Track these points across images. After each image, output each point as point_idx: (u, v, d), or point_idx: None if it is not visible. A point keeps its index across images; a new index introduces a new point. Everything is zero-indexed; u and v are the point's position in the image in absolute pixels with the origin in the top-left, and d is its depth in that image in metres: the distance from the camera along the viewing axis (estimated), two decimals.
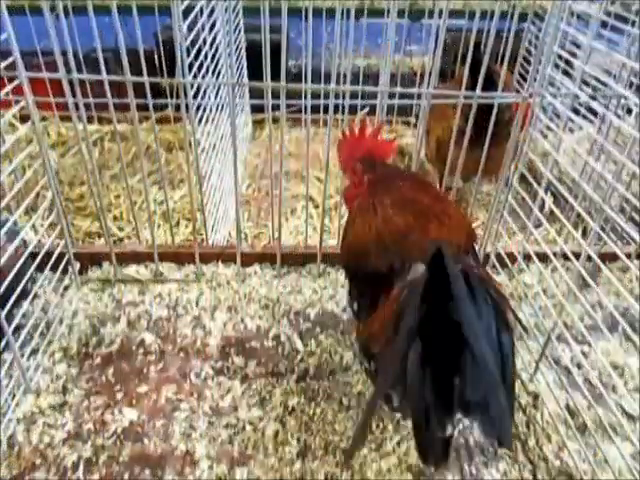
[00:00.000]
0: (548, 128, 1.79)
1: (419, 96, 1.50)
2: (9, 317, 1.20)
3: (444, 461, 0.90)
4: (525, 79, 2.06)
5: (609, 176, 1.14)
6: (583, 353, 1.39)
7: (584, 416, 1.25)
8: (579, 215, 1.26)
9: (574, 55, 1.58)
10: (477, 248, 1.11)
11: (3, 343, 1.22)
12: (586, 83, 1.84)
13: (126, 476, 1.15)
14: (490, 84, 1.42)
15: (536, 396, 1.34)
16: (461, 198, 2.15)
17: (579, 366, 1.33)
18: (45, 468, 1.15)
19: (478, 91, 1.42)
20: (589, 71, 1.30)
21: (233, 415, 1.28)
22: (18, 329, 1.32)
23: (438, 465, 0.95)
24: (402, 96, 2.12)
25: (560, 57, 1.51)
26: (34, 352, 1.37)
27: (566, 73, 1.77)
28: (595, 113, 1.85)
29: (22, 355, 1.30)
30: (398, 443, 1.23)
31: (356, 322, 1.23)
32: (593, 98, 1.38)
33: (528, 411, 1.31)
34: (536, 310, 1.45)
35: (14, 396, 1.27)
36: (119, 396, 1.31)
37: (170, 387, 1.34)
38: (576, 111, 1.71)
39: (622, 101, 1.60)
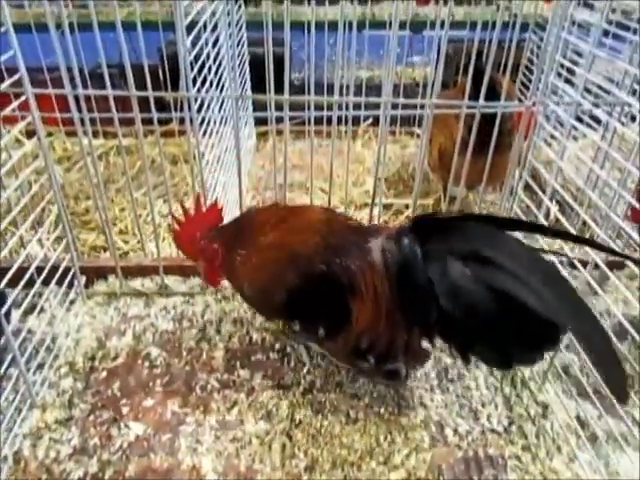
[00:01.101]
0: (552, 136, 1.79)
1: (422, 106, 1.51)
2: (15, 332, 1.21)
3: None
4: (528, 88, 2.06)
5: (614, 183, 1.14)
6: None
7: (595, 426, 1.24)
8: (585, 223, 1.26)
9: (576, 64, 1.58)
10: None
11: (9, 358, 1.22)
12: (589, 91, 1.84)
13: None
14: (493, 93, 1.42)
15: (546, 406, 1.33)
16: (465, 208, 2.15)
17: (588, 375, 1.31)
18: None
19: (481, 101, 1.42)
20: (592, 79, 1.31)
21: (239, 428, 1.27)
22: (24, 343, 1.32)
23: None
24: (405, 107, 2.12)
25: (562, 66, 1.51)
26: (40, 367, 1.37)
27: (568, 82, 1.78)
28: (598, 121, 1.85)
29: (28, 370, 1.30)
30: (407, 456, 1.21)
31: (325, 346, 1.25)
32: (596, 106, 1.38)
33: (538, 421, 1.29)
34: None
35: (20, 411, 1.27)
36: (125, 410, 1.31)
37: (176, 400, 1.33)
38: (579, 119, 1.71)
39: (626, 108, 1.60)
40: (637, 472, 1.14)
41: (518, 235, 1.07)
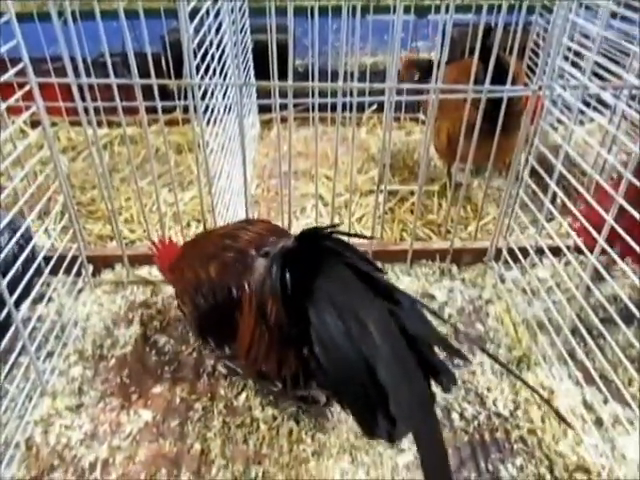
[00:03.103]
0: (559, 121, 1.77)
1: (427, 91, 1.50)
2: (24, 320, 1.22)
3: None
4: (534, 72, 2.04)
5: (621, 167, 1.13)
6: (599, 347, 1.37)
7: (600, 411, 1.24)
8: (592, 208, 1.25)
9: (583, 46, 1.56)
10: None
11: (19, 346, 1.23)
12: (596, 75, 1.81)
13: (142, 476, 1.15)
14: (501, 73, 1.41)
15: (552, 391, 1.33)
16: (471, 195, 2.13)
17: (594, 361, 1.31)
18: (63, 469, 1.16)
19: (487, 84, 1.41)
20: (600, 61, 1.29)
21: (247, 414, 1.28)
22: (34, 332, 1.34)
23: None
24: (410, 92, 2.11)
25: (569, 49, 1.50)
26: (49, 355, 1.38)
27: (575, 65, 1.76)
28: (605, 105, 1.83)
29: (38, 358, 1.31)
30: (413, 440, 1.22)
31: (238, 365, 1.24)
32: (603, 89, 1.37)
33: (543, 406, 1.30)
34: (550, 305, 1.44)
35: (31, 399, 1.29)
36: (134, 397, 1.32)
37: (184, 387, 1.35)
38: (586, 103, 1.70)
39: (633, 91, 1.58)
40: None
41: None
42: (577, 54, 1.78)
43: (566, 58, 1.63)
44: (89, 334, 1.49)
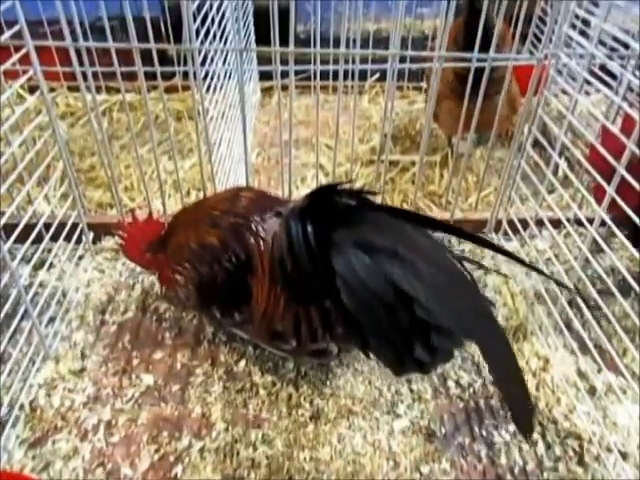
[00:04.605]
0: (564, 92, 1.74)
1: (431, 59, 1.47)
2: (26, 286, 1.23)
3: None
4: (541, 41, 2.00)
5: (625, 139, 1.12)
6: (595, 317, 1.39)
7: (594, 379, 1.26)
8: (594, 179, 1.24)
9: (591, 14, 1.53)
10: None
11: (22, 311, 1.24)
12: (603, 44, 1.78)
13: (145, 437, 1.18)
14: (488, 38, 1.38)
15: (547, 360, 1.35)
16: (472, 166, 2.12)
17: (590, 331, 1.33)
18: (67, 430, 1.19)
19: (491, 53, 1.38)
20: (607, 30, 1.26)
21: (247, 380, 1.30)
22: (35, 298, 1.35)
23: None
24: (414, 60, 2.08)
25: (577, 16, 1.46)
26: (52, 320, 1.40)
27: (582, 34, 1.72)
28: (612, 76, 1.80)
29: (40, 323, 1.33)
30: (409, 406, 1.25)
31: (247, 331, 1.24)
32: (610, 58, 1.34)
33: (538, 374, 1.32)
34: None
35: (34, 362, 1.31)
36: (135, 362, 1.34)
37: (185, 353, 1.37)
38: (592, 74, 1.67)
39: None
40: (634, 423, 1.18)
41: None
42: (585, 22, 1.74)
43: (574, 26, 1.60)
44: (90, 300, 1.50)
